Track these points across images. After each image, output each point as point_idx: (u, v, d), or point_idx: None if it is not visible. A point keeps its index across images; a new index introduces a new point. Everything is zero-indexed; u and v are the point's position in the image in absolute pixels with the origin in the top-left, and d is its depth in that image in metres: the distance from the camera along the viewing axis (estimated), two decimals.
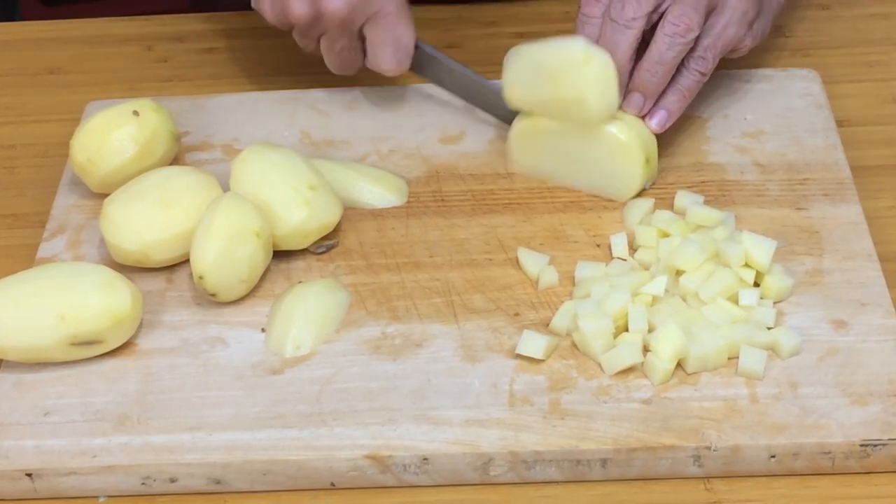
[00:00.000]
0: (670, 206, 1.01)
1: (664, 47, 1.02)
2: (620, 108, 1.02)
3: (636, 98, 1.03)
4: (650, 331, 0.92)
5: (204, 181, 1.01)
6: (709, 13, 1.04)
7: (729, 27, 1.05)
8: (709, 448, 0.87)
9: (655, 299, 0.94)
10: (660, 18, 1.02)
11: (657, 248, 0.97)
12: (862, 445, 0.87)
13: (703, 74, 1.04)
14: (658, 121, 1.03)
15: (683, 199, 1.02)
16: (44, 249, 1.03)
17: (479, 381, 0.92)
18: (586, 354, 0.93)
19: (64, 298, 0.93)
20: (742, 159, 1.06)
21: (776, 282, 0.95)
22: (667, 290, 0.95)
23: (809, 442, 0.87)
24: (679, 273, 0.95)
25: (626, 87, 1.03)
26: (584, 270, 0.98)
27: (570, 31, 1.15)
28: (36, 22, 1.31)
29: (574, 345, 0.93)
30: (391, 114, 1.13)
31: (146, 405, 0.92)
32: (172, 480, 0.89)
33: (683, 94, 1.04)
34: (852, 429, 0.87)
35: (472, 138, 1.10)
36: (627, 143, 1.01)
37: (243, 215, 0.96)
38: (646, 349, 0.92)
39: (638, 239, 0.98)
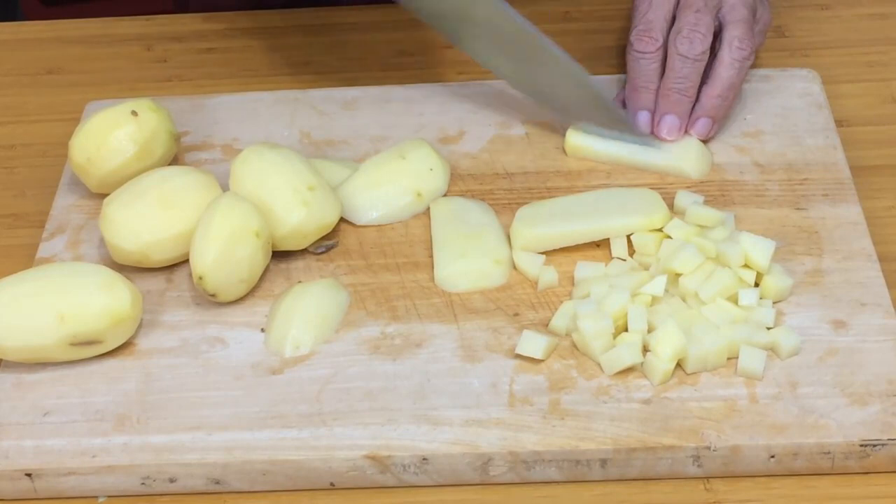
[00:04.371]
0: (670, 206, 1.01)
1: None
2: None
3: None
4: (650, 331, 0.92)
5: (203, 181, 1.01)
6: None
7: (757, 38, 1.08)
8: (708, 448, 0.87)
9: (655, 299, 0.94)
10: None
11: (656, 252, 0.98)
12: (861, 445, 0.87)
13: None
14: (703, 129, 1.07)
15: (683, 199, 1.02)
16: (44, 249, 1.03)
17: (478, 381, 0.92)
18: (586, 354, 0.93)
19: (64, 298, 0.93)
20: (742, 159, 1.06)
21: (776, 282, 0.95)
22: (666, 291, 0.95)
23: (809, 442, 0.87)
24: (678, 274, 0.95)
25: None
26: (584, 270, 0.98)
27: (570, 30, 1.16)
28: (36, 22, 1.31)
29: (574, 345, 0.93)
30: (391, 114, 1.13)
31: (146, 405, 0.92)
32: (172, 480, 0.89)
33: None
34: (852, 429, 0.87)
35: (472, 138, 1.10)
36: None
37: (243, 215, 0.96)
38: (645, 349, 0.92)
39: (635, 245, 0.98)
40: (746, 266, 0.96)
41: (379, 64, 1.22)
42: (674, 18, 1.06)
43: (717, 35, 1.06)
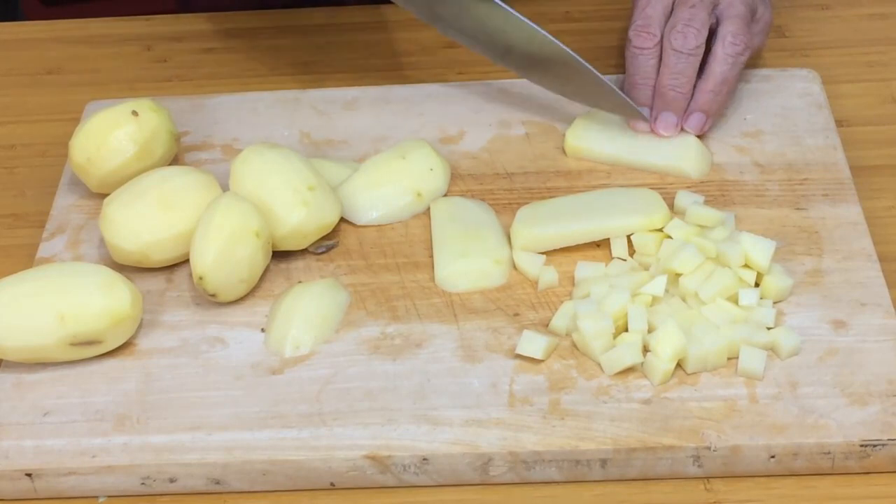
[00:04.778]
0: (670, 206, 1.01)
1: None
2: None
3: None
4: (650, 331, 0.92)
5: (204, 181, 1.01)
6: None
7: (756, 37, 1.09)
8: (708, 448, 0.87)
9: (655, 299, 0.94)
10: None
11: (656, 252, 0.98)
12: (861, 446, 0.87)
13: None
14: (697, 124, 1.07)
15: (683, 199, 1.02)
16: (44, 249, 1.03)
17: (478, 381, 0.92)
18: (586, 354, 0.93)
19: (64, 298, 0.93)
20: (742, 159, 1.06)
21: (776, 282, 0.95)
22: (667, 291, 0.95)
23: (809, 442, 0.87)
24: (678, 274, 0.95)
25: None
26: (584, 270, 0.98)
27: (570, 30, 1.16)
28: (36, 22, 1.31)
29: (574, 345, 0.93)
30: (391, 114, 1.13)
31: (146, 405, 0.92)
32: (172, 480, 0.89)
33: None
34: (852, 429, 0.87)
35: (472, 138, 1.10)
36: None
37: (243, 215, 0.96)
38: (646, 349, 0.92)
39: (635, 245, 0.98)
40: (746, 266, 0.96)
41: (379, 64, 1.22)
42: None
43: (715, 32, 1.07)
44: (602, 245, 1.00)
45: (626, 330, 0.93)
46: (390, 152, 1.06)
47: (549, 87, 1.10)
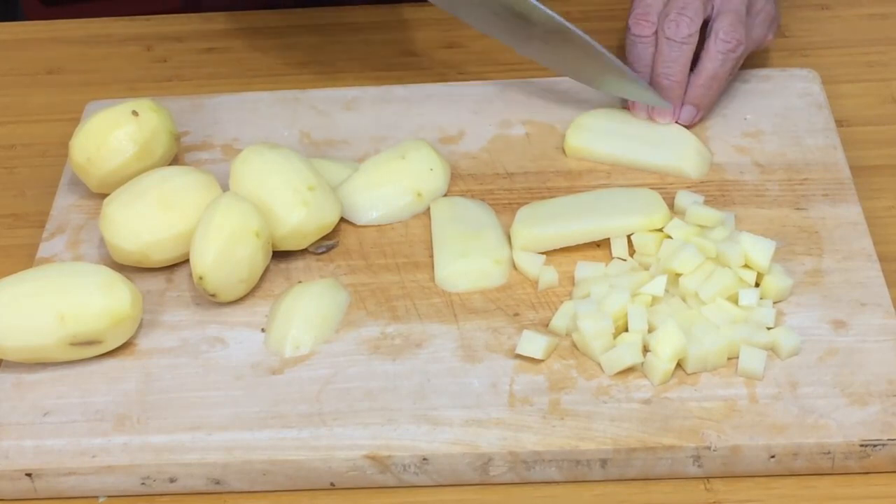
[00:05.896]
0: (670, 206, 1.01)
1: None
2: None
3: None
4: (650, 331, 0.92)
5: (203, 181, 1.01)
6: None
7: (756, 29, 1.09)
8: (708, 448, 0.87)
9: (655, 299, 0.94)
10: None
11: (656, 252, 0.98)
12: (861, 445, 0.87)
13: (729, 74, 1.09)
14: (687, 116, 1.08)
15: (683, 198, 1.02)
16: (44, 249, 1.03)
17: (478, 381, 0.92)
18: (586, 354, 0.93)
19: (64, 298, 0.93)
20: (742, 159, 1.06)
21: (776, 282, 0.95)
22: (667, 291, 0.95)
23: (809, 442, 0.87)
24: (678, 274, 0.95)
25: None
26: (584, 270, 0.98)
27: None
28: (36, 22, 1.31)
29: (574, 345, 0.93)
30: (391, 114, 1.13)
31: (146, 405, 0.92)
32: (172, 480, 0.89)
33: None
34: (852, 429, 0.87)
35: (472, 138, 1.10)
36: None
37: (243, 215, 0.96)
38: (646, 349, 0.92)
39: (635, 245, 0.98)
40: (746, 266, 0.96)
41: (379, 64, 1.22)
42: None
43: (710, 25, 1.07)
44: (602, 245, 1.00)
45: (626, 330, 0.93)
46: (390, 152, 1.06)
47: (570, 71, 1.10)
